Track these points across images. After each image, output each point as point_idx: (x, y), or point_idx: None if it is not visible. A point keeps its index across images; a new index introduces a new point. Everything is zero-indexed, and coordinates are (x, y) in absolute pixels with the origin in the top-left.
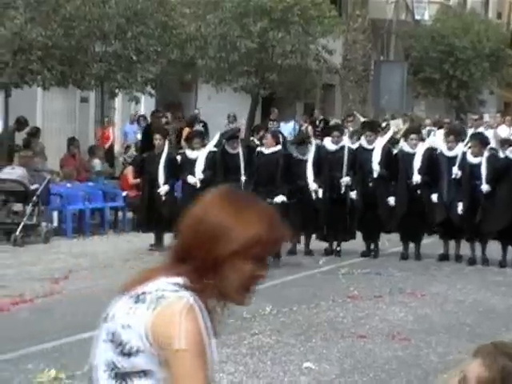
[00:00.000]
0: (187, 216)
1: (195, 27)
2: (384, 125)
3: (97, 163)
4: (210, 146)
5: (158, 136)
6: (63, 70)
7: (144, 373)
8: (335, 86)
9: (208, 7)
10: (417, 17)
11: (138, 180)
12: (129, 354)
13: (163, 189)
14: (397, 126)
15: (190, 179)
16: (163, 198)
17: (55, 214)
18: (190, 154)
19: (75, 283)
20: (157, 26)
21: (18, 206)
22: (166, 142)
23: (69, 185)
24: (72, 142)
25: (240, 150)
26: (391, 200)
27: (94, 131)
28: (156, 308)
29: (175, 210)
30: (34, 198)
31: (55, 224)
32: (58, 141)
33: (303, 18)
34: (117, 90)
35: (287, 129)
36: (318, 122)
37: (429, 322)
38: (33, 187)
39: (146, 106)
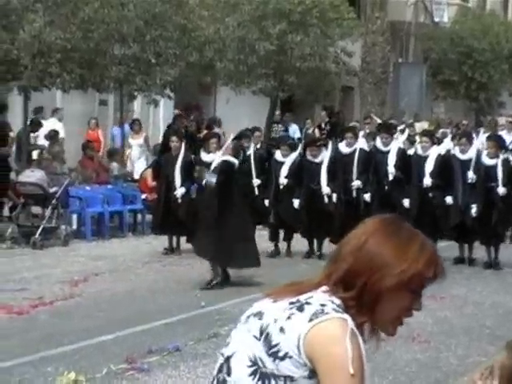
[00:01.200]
0: (349, 239)
1: (214, 30)
2: (402, 127)
3: (115, 167)
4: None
5: (174, 138)
6: (82, 72)
7: (287, 378)
8: (354, 89)
9: (227, 10)
10: (436, 19)
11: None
12: (276, 357)
13: (179, 191)
14: (422, 129)
15: (179, 190)
16: (179, 200)
17: (74, 217)
18: (205, 156)
19: (94, 286)
20: (175, 29)
21: (37, 209)
22: (183, 145)
23: (88, 188)
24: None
25: (252, 152)
26: (406, 202)
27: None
28: (314, 321)
29: (191, 213)
30: (54, 200)
31: (74, 227)
32: (77, 144)
33: (322, 21)
34: (136, 93)
35: (291, 131)
36: (323, 125)
37: (448, 324)
38: (52, 190)
39: (164, 108)
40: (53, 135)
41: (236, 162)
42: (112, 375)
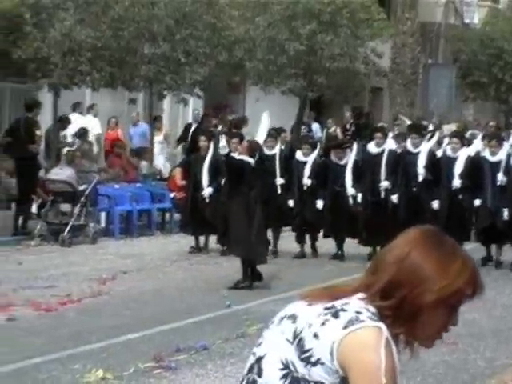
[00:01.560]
0: (390, 249)
1: (244, 29)
2: (431, 128)
3: (144, 165)
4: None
5: (202, 138)
6: (112, 71)
7: None
8: (383, 90)
9: (257, 10)
10: (466, 20)
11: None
12: (308, 362)
13: (207, 191)
14: (450, 130)
15: (207, 190)
16: (207, 200)
17: (103, 215)
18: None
19: (122, 284)
20: (205, 28)
21: (66, 207)
22: (211, 145)
23: (116, 186)
24: (116, 142)
25: (277, 152)
26: (435, 204)
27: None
28: (349, 328)
29: (218, 213)
30: (82, 198)
31: (103, 225)
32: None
33: (352, 21)
34: (165, 92)
35: (313, 131)
36: (348, 126)
37: (477, 326)
38: (81, 188)
39: (193, 107)
40: (82, 133)
41: (251, 161)
42: (139, 373)
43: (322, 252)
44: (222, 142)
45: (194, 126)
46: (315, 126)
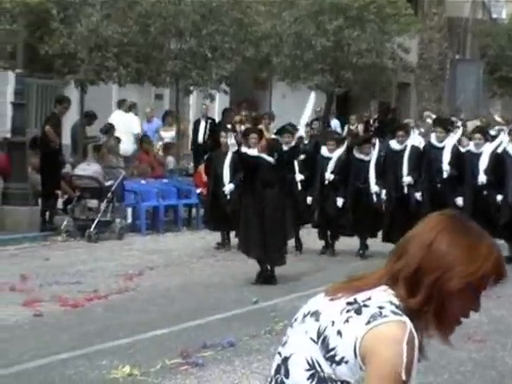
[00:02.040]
0: (415, 234)
1: (270, 25)
2: (459, 124)
3: (170, 160)
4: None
5: (223, 134)
6: (138, 66)
7: (344, 383)
8: (410, 85)
9: (283, 5)
10: (494, 15)
11: None
12: (333, 361)
13: (228, 187)
14: (474, 127)
15: (228, 187)
16: (228, 196)
17: (129, 211)
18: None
19: (149, 280)
20: (232, 24)
21: (92, 203)
22: (232, 141)
23: (143, 181)
24: (143, 138)
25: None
26: (459, 200)
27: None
28: (372, 323)
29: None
30: (109, 194)
31: (129, 220)
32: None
33: (379, 16)
34: (191, 87)
35: (332, 126)
36: (372, 121)
37: (505, 323)
38: (107, 184)
39: (220, 103)
40: (108, 128)
41: (269, 159)
42: (166, 369)
43: (346, 248)
44: (231, 140)
45: (202, 122)
46: (334, 123)
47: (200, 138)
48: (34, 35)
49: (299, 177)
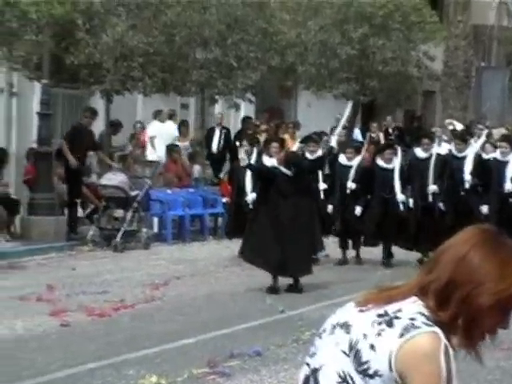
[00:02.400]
0: (447, 248)
1: (295, 33)
2: (485, 132)
3: (196, 169)
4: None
5: (244, 143)
6: (164, 76)
7: None
8: (436, 93)
9: (308, 13)
10: None
11: None
12: (366, 374)
13: (250, 197)
14: (499, 134)
15: (250, 196)
16: (250, 206)
17: (156, 220)
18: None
19: (175, 289)
20: (257, 33)
21: (118, 212)
22: (254, 150)
23: (169, 191)
24: (172, 147)
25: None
26: (484, 208)
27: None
28: (406, 336)
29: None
30: (135, 204)
31: (156, 230)
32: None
33: (404, 24)
34: (217, 97)
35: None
36: (391, 130)
37: None
38: (133, 193)
39: (245, 112)
40: (116, 125)
41: (287, 171)
42: (193, 379)
43: (372, 257)
44: (241, 153)
45: (216, 131)
46: (356, 132)
47: (214, 148)
48: (60, 46)
49: (322, 186)
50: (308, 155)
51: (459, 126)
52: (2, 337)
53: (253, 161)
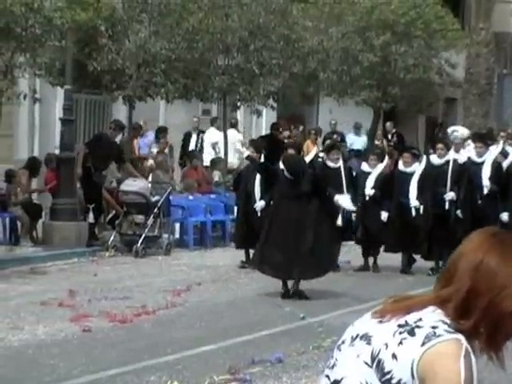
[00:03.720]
0: (461, 256)
1: (317, 40)
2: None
3: (216, 175)
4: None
5: (251, 149)
6: (186, 82)
7: None
8: (457, 100)
9: (330, 21)
10: None
11: None
12: None
13: (259, 204)
14: None
15: (259, 204)
16: (259, 213)
17: (177, 226)
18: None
19: (197, 295)
20: (279, 40)
21: (139, 218)
22: (262, 156)
23: (191, 197)
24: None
25: (342, 165)
26: (504, 216)
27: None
28: (427, 344)
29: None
30: (156, 209)
31: (177, 236)
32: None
33: (426, 32)
34: (239, 103)
35: (360, 143)
36: (390, 136)
37: None
38: (154, 199)
39: (267, 118)
40: (119, 125)
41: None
42: None
43: (392, 264)
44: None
45: (193, 135)
46: (361, 139)
47: None
48: (83, 52)
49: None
50: (330, 164)
51: (465, 132)
52: (24, 342)
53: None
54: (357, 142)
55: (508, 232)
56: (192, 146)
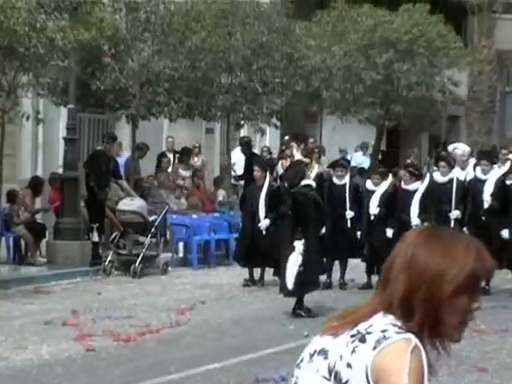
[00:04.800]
0: (392, 258)
1: (320, 59)
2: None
3: (221, 193)
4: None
5: (257, 168)
6: (189, 101)
7: None
8: (460, 118)
9: (333, 39)
10: None
11: None
12: None
13: (263, 223)
14: None
15: (264, 222)
16: (263, 232)
17: (181, 245)
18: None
19: (201, 314)
20: (282, 58)
21: (137, 237)
22: (268, 175)
23: (194, 215)
24: (195, 173)
25: (347, 181)
26: (505, 233)
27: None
28: (378, 347)
29: (276, 245)
30: (153, 229)
31: (181, 254)
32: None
33: (429, 50)
34: (242, 122)
35: (368, 162)
36: (380, 156)
37: None
38: (151, 218)
39: (271, 137)
40: (112, 137)
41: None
42: None
43: None
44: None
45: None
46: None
47: None
48: (86, 71)
49: (350, 214)
50: (336, 180)
51: (466, 148)
52: (28, 362)
53: (267, 186)
54: (365, 161)
55: (434, 226)
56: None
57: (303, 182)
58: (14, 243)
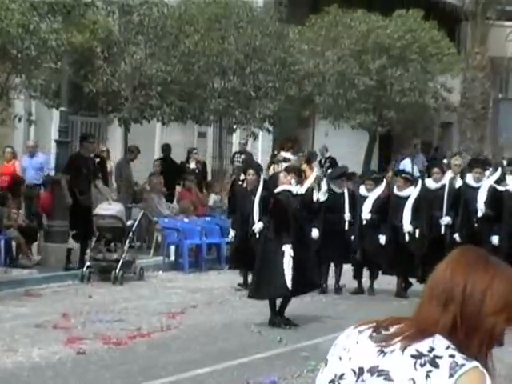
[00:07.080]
0: (438, 279)
1: (313, 64)
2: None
3: (212, 198)
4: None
5: (251, 171)
6: (182, 105)
7: None
8: (453, 124)
9: (326, 44)
10: None
11: None
12: None
13: (257, 226)
14: None
15: (257, 226)
16: (257, 235)
17: (172, 249)
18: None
19: (192, 318)
20: (275, 63)
21: (114, 243)
22: (261, 178)
23: (186, 219)
24: (186, 176)
25: (346, 189)
26: (494, 239)
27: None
28: (455, 375)
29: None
30: (130, 234)
31: (172, 258)
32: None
33: (422, 56)
34: (235, 126)
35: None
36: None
37: None
38: (128, 223)
39: (263, 141)
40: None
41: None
42: None
43: (388, 287)
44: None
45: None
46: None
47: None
48: (79, 73)
49: (348, 216)
50: (335, 188)
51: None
52: (19, 365)
53: (261, 190)
54: None
55: (478, 251)
56: None
57: (280, 188)
58: (4, 246)
